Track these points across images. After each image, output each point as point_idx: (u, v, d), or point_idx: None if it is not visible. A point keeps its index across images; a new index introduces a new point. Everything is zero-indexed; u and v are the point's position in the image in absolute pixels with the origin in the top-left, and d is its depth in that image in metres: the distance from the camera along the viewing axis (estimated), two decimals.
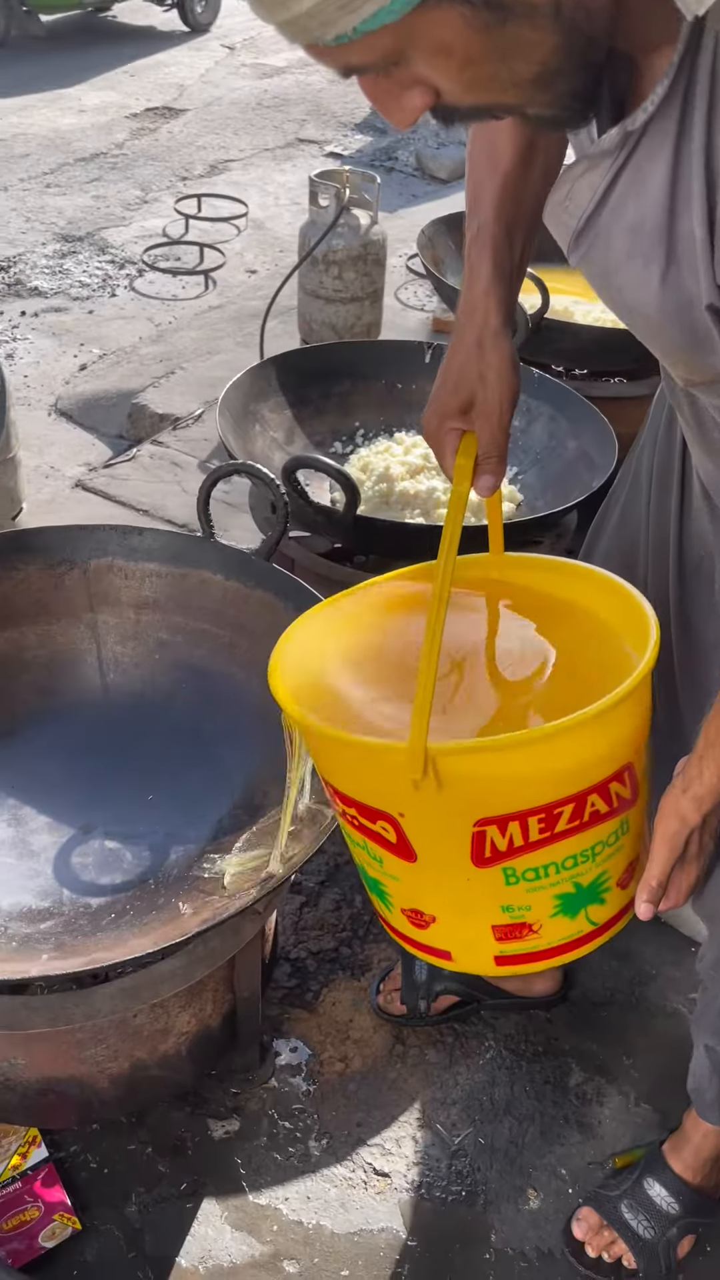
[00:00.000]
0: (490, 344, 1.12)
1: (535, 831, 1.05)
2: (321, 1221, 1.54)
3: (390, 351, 2.37)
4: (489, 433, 1.12)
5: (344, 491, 1.80)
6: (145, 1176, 1.57)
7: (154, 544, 1.75)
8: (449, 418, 1.13)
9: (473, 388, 1.11)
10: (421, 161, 5.87)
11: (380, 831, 1.11)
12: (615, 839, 1.09)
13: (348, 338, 3.95)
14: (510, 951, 1.12)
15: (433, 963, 1.17)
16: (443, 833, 1.07)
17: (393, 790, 1.06)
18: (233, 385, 2.14)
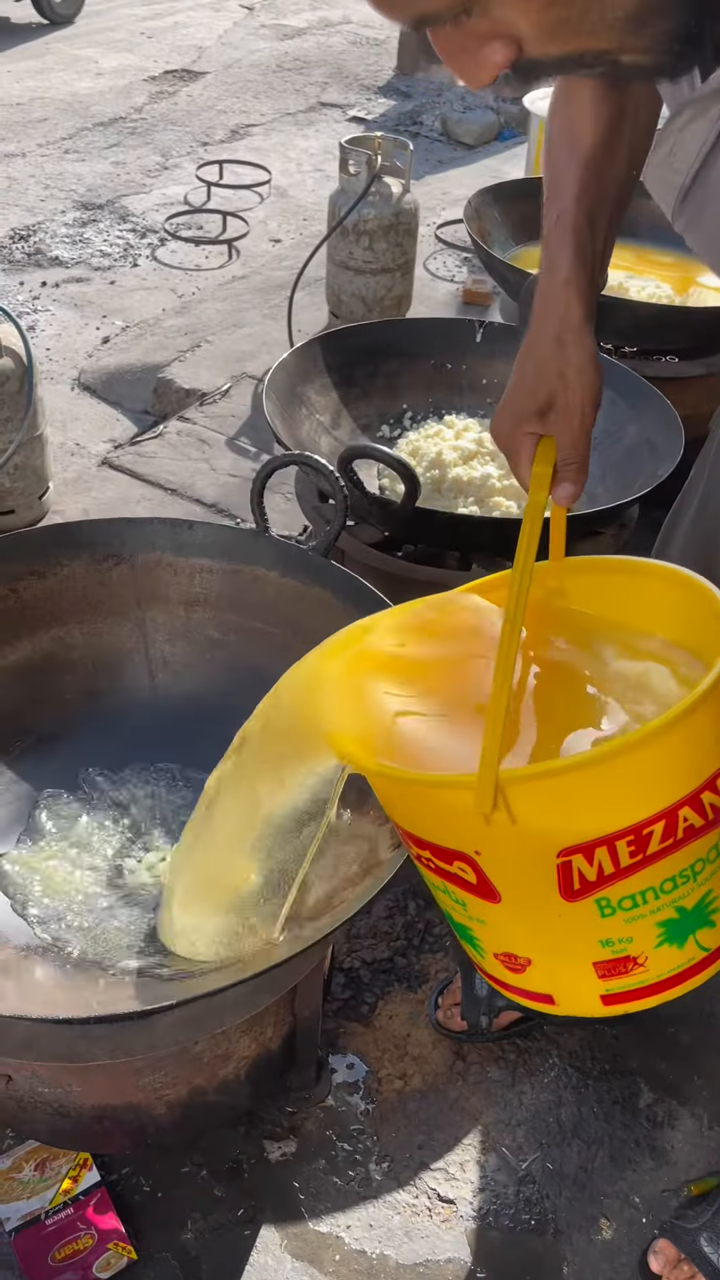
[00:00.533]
0: (572, 340, 1.03)
1: (626, 856, 0.97)
2: (385, 1251, 1.47)
3: (439, 329, 2.27)
4: (569, 437, 1.04)
5: (404, 482, 1.71)
6: (201, 1201, 1.51)
7: (205, 538, 1.66)
8: (525, 421, 1.05)
9: (552, 387, 1.03)
10: (447, 126, 5.72)
11: (459, 873, 1.04)
12: (716, 855, 1.01)
13: (377, 310, 3.84)
14: (617, 989, 1.05)
15: (536, 1009, 1.09)
16: (525, 868, 0.99)
17: (465, 827, 0.98)
18: (279, 366, 2.05)
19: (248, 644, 1.66)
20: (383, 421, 2.23)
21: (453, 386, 2.25)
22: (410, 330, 2.26)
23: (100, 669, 1.66)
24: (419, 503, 1.73)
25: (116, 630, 1.67)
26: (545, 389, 1.03)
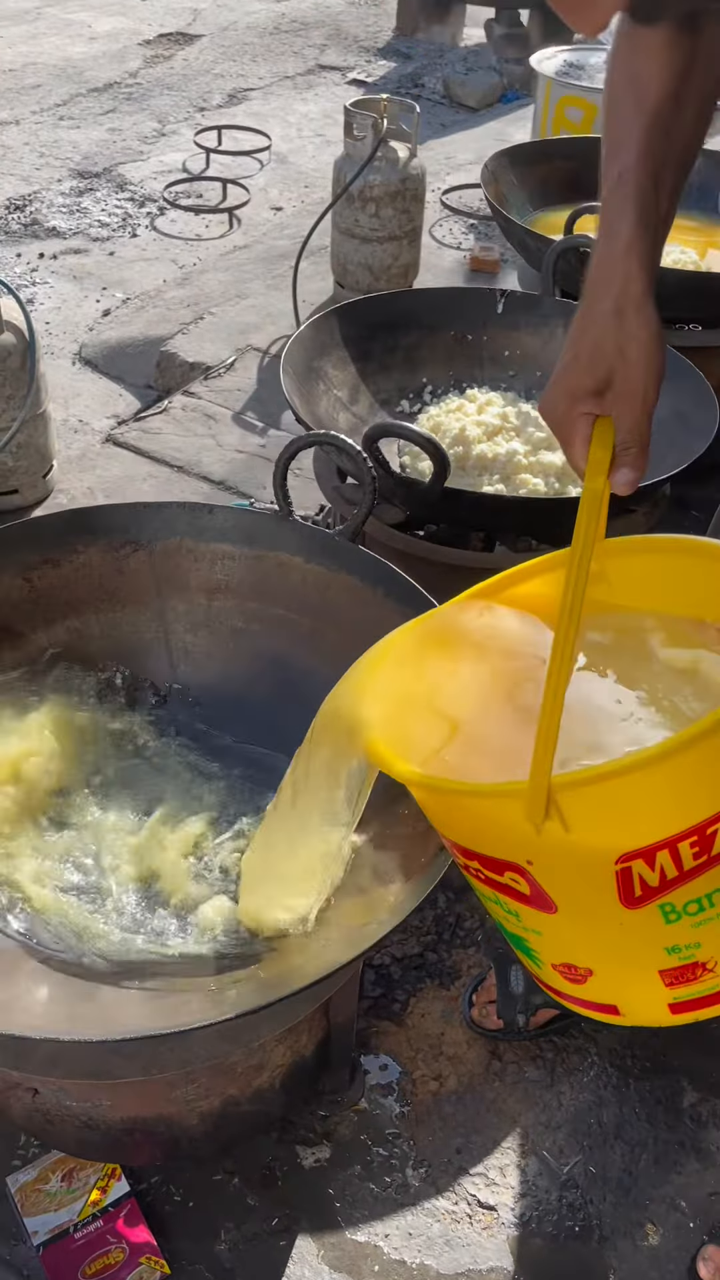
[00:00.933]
0: (632, 312, 0.95)
1: (689, 858, 0.91)
2: (425, 1261, 1.43)
3: (459, 300, 2.19)
4: (630, 418, 0.97)
5: (434, 462, 1.64)
6: (234, 1211, 1.46)
7: (225, 523, 1.59)
8: (581, 401, 0.97)
9: (611, 364, 0.95)
10: (450, 88, 5.59)
11: (510, 884, 0.98)
12: None
13: (384, 280, 3.75)
14: (686, 996, 0.99)
15: (600, 1019, 1.03)
16: (581, 877, 0.93)
17: (515, 837, 0.92)
18: (295, 340, 1.97)
19: (272, 633, 1.59)
20: (402, 396, 2.15)
21: (473, 359, 2.17)
22: (429, 301, 2.17)
23: (120, 660, 1.60)
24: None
25: (135, 620, 1.60)
26: (604, 366, 0.96)
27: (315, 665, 1.56)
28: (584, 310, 0.99)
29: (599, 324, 0.96)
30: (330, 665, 1.54)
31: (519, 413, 2.03)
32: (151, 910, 1.33)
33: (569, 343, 1.00)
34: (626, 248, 0.96)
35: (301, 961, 1.18)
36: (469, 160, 4.94)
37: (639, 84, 1.01)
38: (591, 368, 0.96)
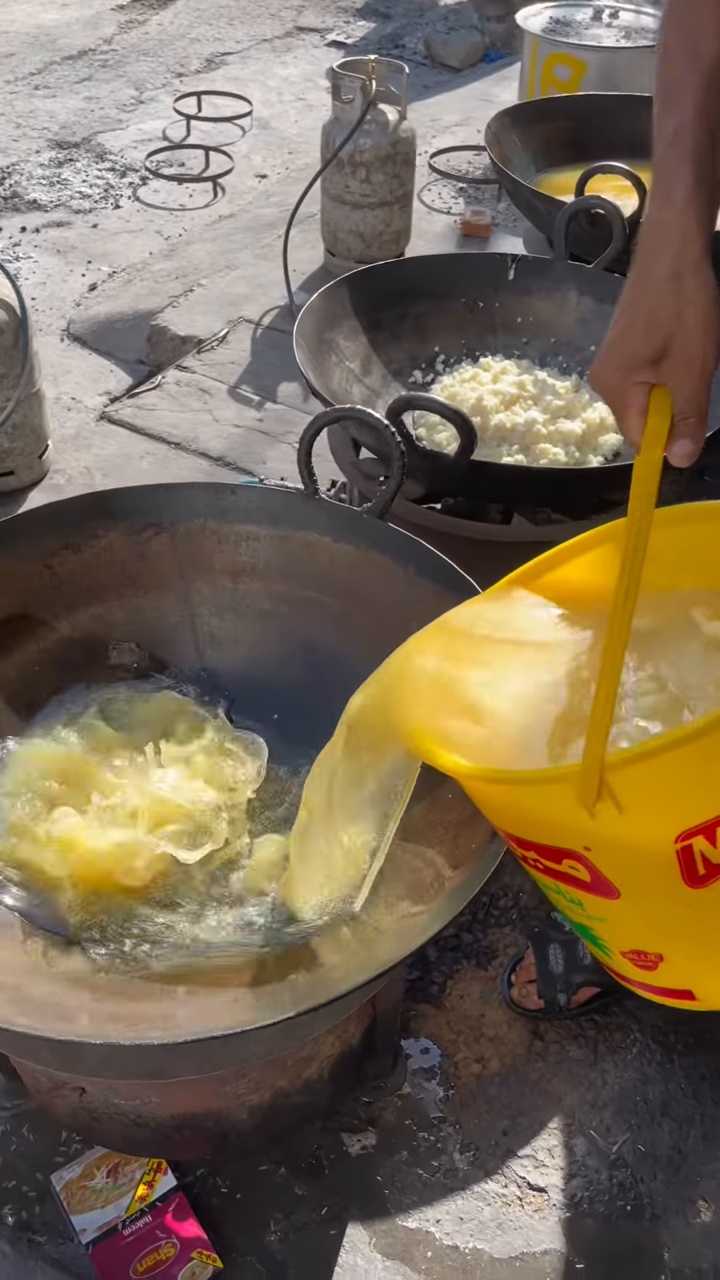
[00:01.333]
0: (690, 276, 0.91)
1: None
2: (478, 1245, 1.41)
3: (469, 266, 2.14)
4: (689, 387, 0.92)
5: (461, 435, 1.60)
6: (282, 1201, 1.44)
7: (249, 503, 1.55)
8: (636, 369, 0.93)
9: (669, 331, 0.91)
10: (431, 48, 5.49)
11: (570, 871, 0.95)
12: None
13: (376, 247, 3.69)
14: None
15: (676, 1005, 1.01)
16: (641, 859, 0.91)
17: (570, 823, 0.90)
18: (306, 311, 1.92)
19: (300, 615, 1.55)
20: (414, 366, 2.11)
21: (486, 326, 2.13)
22: (439, 268, 2.13)
23: (145, 647, 1.56)
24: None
25: (159, 604, 1.56)
26: (661, 333, 0.92)
27: (346, 648, 1.52)
28: (638, 274, 0.95)
29: (655, 289, 0.93)
30: (361, 647, 1.51)
31: (536, 380, 1.99)
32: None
33: (622, 308, 0.96)
34: (683, 208, 0.92)
35: (359, 954, 1.16)
36: (455, 122, 4.85)
37: (693, 38, 0.97)
38: (648, 335, 0.92)
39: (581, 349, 2.11)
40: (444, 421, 1.94)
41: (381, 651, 1.48)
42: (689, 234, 0.92)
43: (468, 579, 1.40)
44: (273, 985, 1.16)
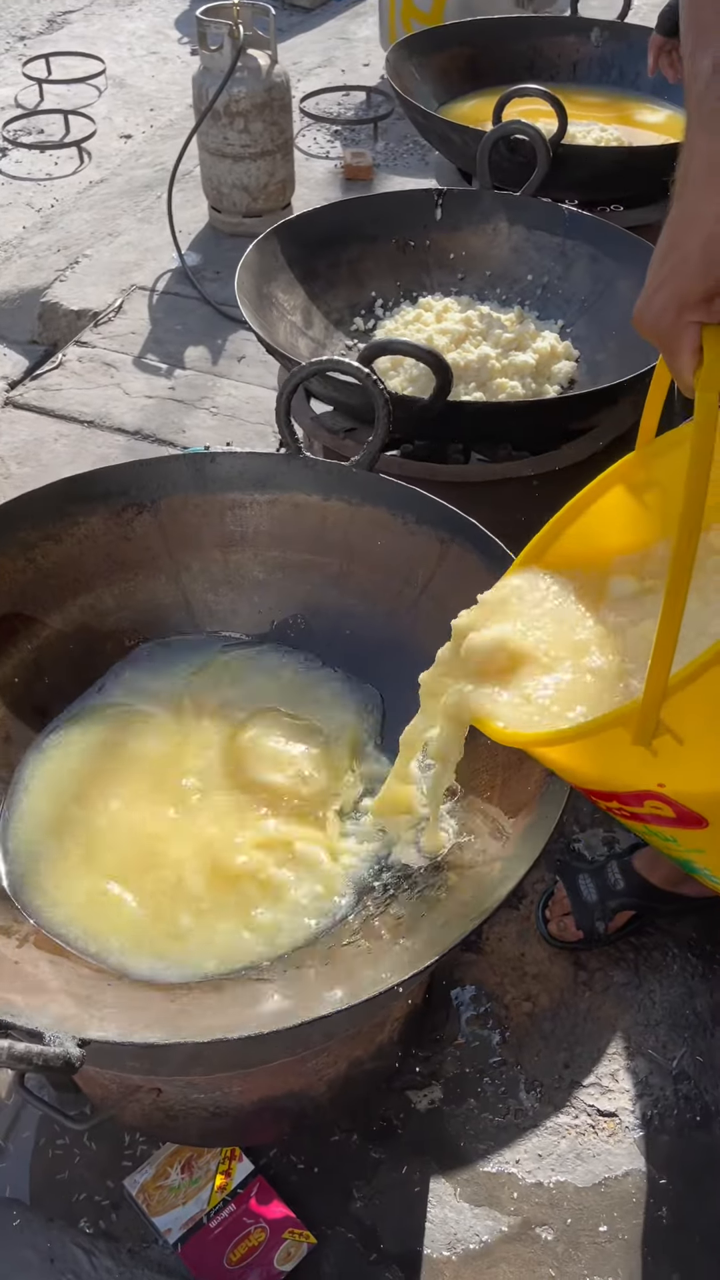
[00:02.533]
0: None
1: None
2: (560, 1178, 1.43)
3: (394, 205, 2.09)
4: None
5: (437, 376, 1.56)
6: (361, 1168, 1.43)
7: (230, 469, 1.49)
8: (691, 308, 0.88)
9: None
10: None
11: (654, 812, 0.95)
12: None
13: (262, 199, 3.60)
14: None
15: None
16: (715, 784, 0.91)
17: (637, 765, 0.89)
18: (242, 265, 1.86)
19: (299, 579, 1.51)
20: (354, 314, 2.06)
21: (420, 265, 2.09)
22: (366, 210, 2.07)
23: (142, 631, 1.50)
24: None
25: (151, 586, 1.51)
26: (717, 269, 0.87)
27: (350, 605, 1.50)
28: (684, 210, 0.90)
29: (708, 226, 0.87)
30: (366, 603, 1.49)
31: (481, 315, 1.96)
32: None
33: (668, 245, 0.90)
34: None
35: (428, 914, 1.14)
36: (318, 64, 4.75)
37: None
38: (705, 273, 0.87)
39: (518, 279, 2.09)
40: (395, 366, 1.91)
41: (387, 605, 1.47)
42: None
43: (469, 520, 1.38)
44: (353, 949, 1.14)
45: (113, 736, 1.39)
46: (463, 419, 1.65)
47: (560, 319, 2.04)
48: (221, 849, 1.26)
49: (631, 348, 1.90)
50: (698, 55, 0.92)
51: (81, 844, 1.27)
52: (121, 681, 1.46)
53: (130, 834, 1.28)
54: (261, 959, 1.18)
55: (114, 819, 1.30)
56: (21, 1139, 1.45)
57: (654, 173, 2.28)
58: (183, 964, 1.19)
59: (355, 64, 4.77)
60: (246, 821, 1.30)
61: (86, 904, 1.24)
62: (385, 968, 1.08)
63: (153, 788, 1.33)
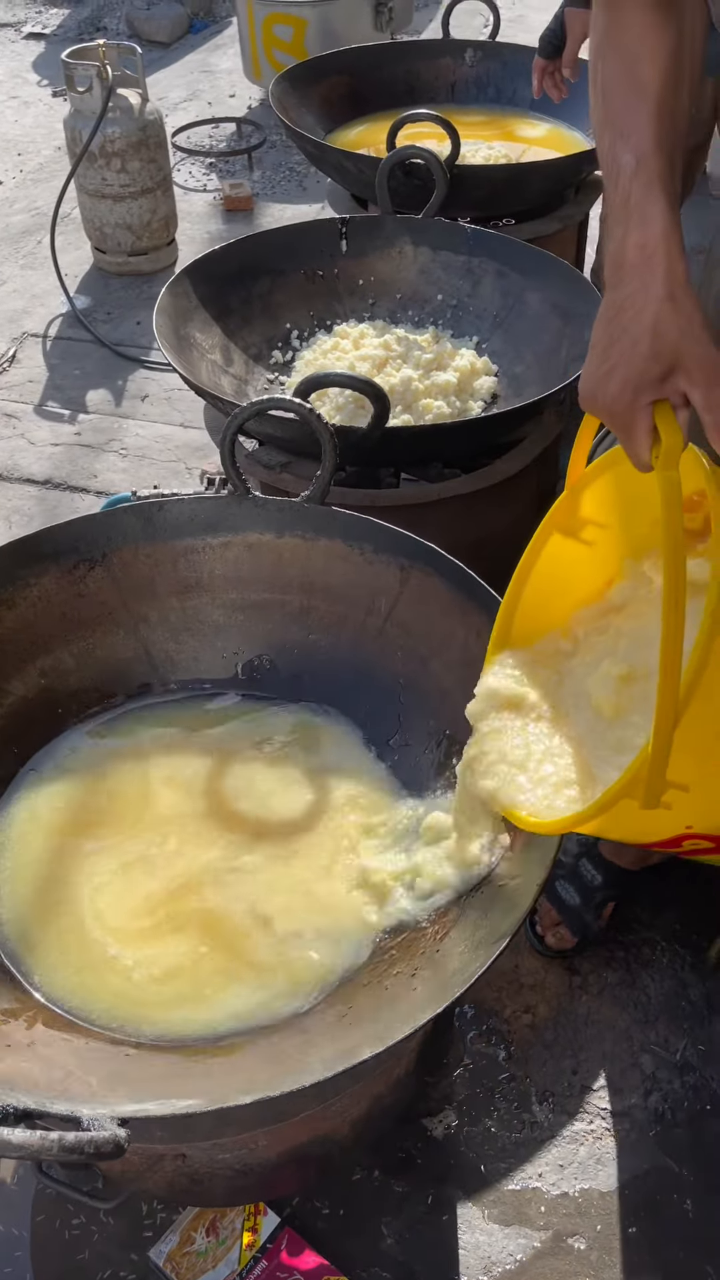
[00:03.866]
0: (683, 294, 0.92)
1: None
2: (585, 1185, 1.43)
3: (298, 236, 2.10)
4: (710, 396, 0.91)
5: (374, 404, 1.57)
6: (386, 1204, 1.42)
7: (179, 516, 1.48)
8: (646, 389, 0.91)
9: (676, 348, 0.90)
10: (135, 26, 5.33)
11: (693, 847, 1.00)
12: None
13: (146, 237, 3.59)
14: None
15: None
16: None
17: (657, 822, 0.92)
18: (158, 310, 1.84)
19: (260, 619, 1.50)
20: (271, 347, 2.06)
21: (330, 293, 2.10)
22: (271, 243, 2.07)
23: (105, 690, 1.47)
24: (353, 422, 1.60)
25: (110, 641, 1.48)
26: (669, 351, 0.90)
27: (315, 640, 1.49)
28: (627, 296, 0.93)
29: (653, 308, 0.91)
30: (330, 636, 1.49)
31: (399, 339, 1.98)
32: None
33: (617, 331, 0.93)
34: (665, 234, 0.93)
35: (468, 933, 1.14)
36: (183, 98, 4.74)
37: (636, 71, 0.99)
38: (657, 355, 0.90)
39: (429, 299, 2.11)
40: (320, 396, 1.91)
41: (353, 637, 1.46)
42: (673, 255, 0.93)
43: (428, 545, 1.38)
44: (376, 987, 1.13)
45: (92, 788, 1.36)
46: (399, 443, 1.66)
47: (475, 335, 2.06)
48: (225, 898, 1.24)
49: (547, 358, 1.94)
50: (618, 150, 0.97)
51: (72, 905, 1.24)
52: (86, 740, 1.43)
53: (124, 889, 1.25)
54: (279, 1012, 1.16)
55: (103, 875, 1.27)
56: (37, 1223, 1.40)
57: (544, 186, 2.35)
58: (194, 1022, 1.17)
59: (221, 96, 4.78)
60: (248, 866, 1.28)
61: (86, 969, 1.20)
62: (411, 1002, 1.07)
63: (140, 838, 1.31)
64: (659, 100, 0.97)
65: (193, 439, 2.91)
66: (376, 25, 4.33)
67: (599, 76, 1.02)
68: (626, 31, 1.00)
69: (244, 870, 1.28)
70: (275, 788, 1.37)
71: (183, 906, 1.24)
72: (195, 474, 2.81)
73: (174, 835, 1.32)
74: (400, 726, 1.41)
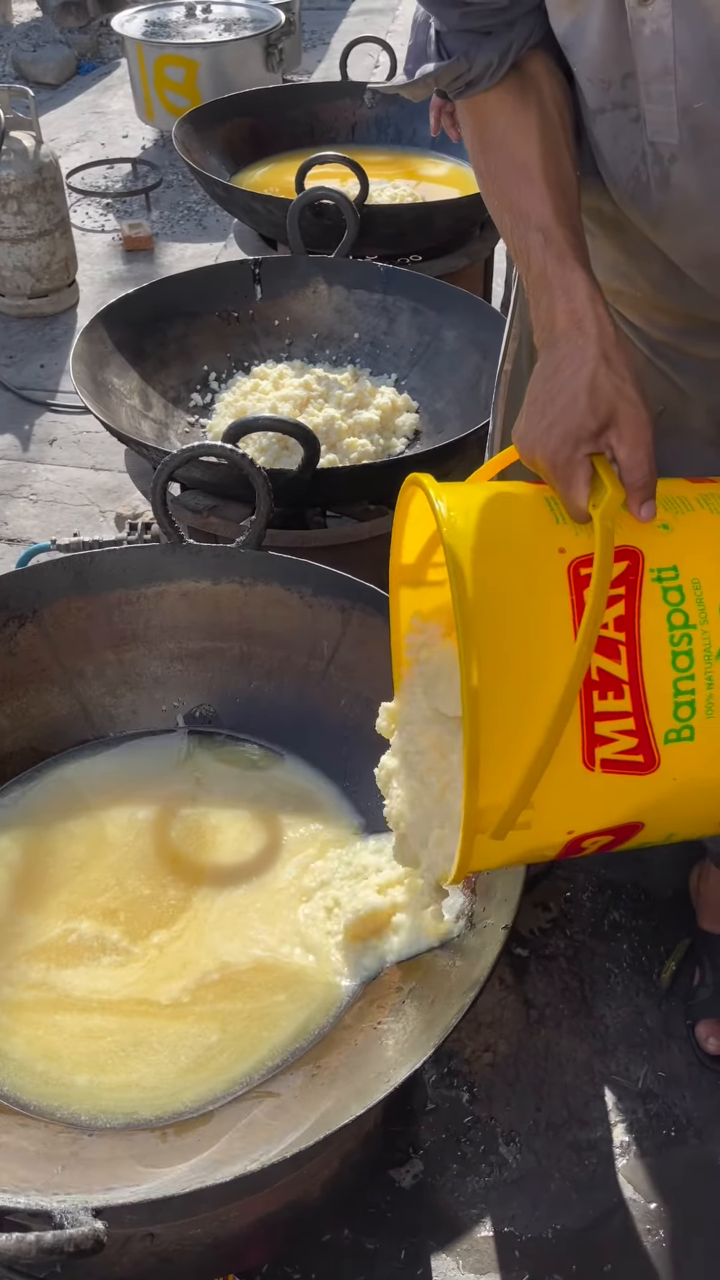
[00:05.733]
0: (615, 353, 0.95)
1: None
2: (560, 1224, 1.42)
3: (211, 279, 2.09)
4: (641, 452, 0.94)
5: (305, 448, 1.56)
6: (359, 1263, 1.38)
7: (112, 566, 1.45)
8: (584, 442, 0.94)
9: (612, 404, 0.94)
10: (22, 68, 5.28)
11: (598, 844, 0.99)
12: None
13: (46, 279, 3.54)
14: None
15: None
16: (596, 801, 0.95)
17: (538, 836, 0.96)
18: (74, 358, 1.81)
19: (199, 668, 1.47)
20: (190, 390, 2.03)
21: (246, 335, 2.09)
22: (182, 286, 2.05)
23: (41, 750, 1.42)
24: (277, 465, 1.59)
25: (44, 700, 1.43)
26: (605, 407, 0.93)
27: (258, 686, 1.47)
28: (564, 356, 0.96)
29: (590, 366, 0.94)
30: (273, 682, 1.47)
31: (319, 378, 1.97)
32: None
33: (555, 388, 0.95)
34: (590, 299, 0.96)
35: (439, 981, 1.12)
36: (76, 139, 4.71)
37: (516, 153, 1.03)
38: (593, 410, 0.93)
39: (345, 338, 2.11)
40: (244, 439, 1.89)
41: (296, 681, 1.44)
42: (602, 319, 0.96)
43: (368, 586, 1.38)
44: (347, 1047, 1.11)
45: (28, 848, 1.31)
46: (331, 484, 1.65)
47: (394, 373, 2.07)
48: (181, 962, 1.20)
49: (467, 392, 1.95)
50: (521, 231, 1.01)
51: (17, 979, 1.19)
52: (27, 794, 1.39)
53: (70, 956, 1.21)
54: (244, 1079, 1.13)
55: (47, 941, 1.22)
56: None
57: (451, 224, 2.38)
58: (157, 1097, 1.12)
59: (114, 136, 4.76)
60: (204, 916, 1.24)
61: (35, 1052, 1.15)
62: (381, 1056, 1.05)
63: (88, 898, 1.26)
64: (545, 176, 1.00)
65: (104, 481, 2.87)
66: (268, 66, 4.36)
67: (483, 168, 1.07)
68: (493, 124, 1.05)
69: (202, 922, 1.24)
70: (226, 826, 1.33)
71: (133, 975, 1.19)
72: (109, 517, 2.76)
73: (123, 886, 1.27)
74: (347, 770, 1.39)
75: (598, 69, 1.00)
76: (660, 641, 0.90)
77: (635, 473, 0.93)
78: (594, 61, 0.99)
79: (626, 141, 1.02)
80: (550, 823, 0.94)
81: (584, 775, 0.91)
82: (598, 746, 0.91)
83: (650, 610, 0.91)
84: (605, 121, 1.03)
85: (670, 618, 0.91)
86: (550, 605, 0.90)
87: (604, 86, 1.00)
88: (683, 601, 0.91)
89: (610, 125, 1.03)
